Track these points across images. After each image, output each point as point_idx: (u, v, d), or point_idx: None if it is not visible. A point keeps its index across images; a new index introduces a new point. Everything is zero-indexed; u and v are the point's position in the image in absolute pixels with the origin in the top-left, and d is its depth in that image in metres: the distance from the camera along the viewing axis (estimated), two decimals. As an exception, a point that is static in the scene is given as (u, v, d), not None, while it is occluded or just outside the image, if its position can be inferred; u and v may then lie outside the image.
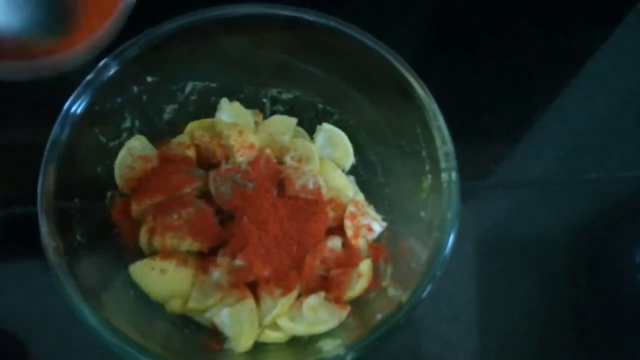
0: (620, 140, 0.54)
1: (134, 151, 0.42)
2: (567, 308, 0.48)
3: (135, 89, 0.42)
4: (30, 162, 0.35)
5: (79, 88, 0.36)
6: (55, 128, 0.35)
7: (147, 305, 0.39)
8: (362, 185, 0.45)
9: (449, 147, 0.37)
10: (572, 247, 0.51)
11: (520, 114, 0.55)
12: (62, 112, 0.35)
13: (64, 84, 0.39)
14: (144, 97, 0.43)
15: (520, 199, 0.52)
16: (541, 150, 0.53)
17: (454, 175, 0.36)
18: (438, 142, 0.37)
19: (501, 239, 0.50)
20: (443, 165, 0.36)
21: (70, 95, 0.37)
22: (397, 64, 0.39)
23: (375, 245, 0.42)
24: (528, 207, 0.52)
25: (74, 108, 0.36)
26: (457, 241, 0.36)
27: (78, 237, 0.37)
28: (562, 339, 0.47)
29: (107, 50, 0.38)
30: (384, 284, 0.39)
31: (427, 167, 0.38)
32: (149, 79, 0.42)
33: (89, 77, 0.37)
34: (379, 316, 0.34)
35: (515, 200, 0.52)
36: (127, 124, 0.43)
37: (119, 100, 0.41)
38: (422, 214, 0.38)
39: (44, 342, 0.43)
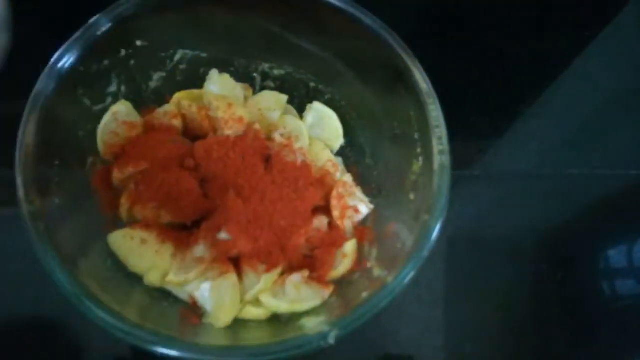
0: (605, 138, 0.55)
1: (119, 116, 0.40)
2: (544, 299, 0.49)
3: (123, 52, 0.40)
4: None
5: (67, 44, 0.35)
6: (40, 81, 0.34)
7: (125, 275, 0.38)
8: (350, 168, 0.45)
9: (443, 130, 0.36)
10: (551, 241, 0.51)
11: (507, 107, 0.56)
12: (48, 66, 0.34)
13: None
14: (132, 62, 0.41)
15: (503, 191, 0.53)
16: (526, 143, 0.54)
17: (446, 158, 0.36)
18: (432, 124, 0.36)
19: (482, 228, 0.51)
20: (436, 148, 0.36)
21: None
22: (394, 44, 0.39)
23: (361, 228, 0.42)
24: (511, 199, 0.52)
25: (60, 64, 0.34)
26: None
27: (57, 201, 0.35)
28: (538, 329, 0.47)
29: (101, 6, 0.36)
30: (369, 265, 0.39)
31: (419, 150, 0.38)
32: (139, 43, 0.40)
33: (77, 34, 0.35)
34: (364, 295, 0.34)
35: (499, 192, 0.53)
36: (113, 88, 0.41)
37: (106, 62, 0.39)
38: (412, 196, 0.38)
39: (16, 308, 0.42)
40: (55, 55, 0.35)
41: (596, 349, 0.48)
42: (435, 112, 0.37)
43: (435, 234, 0.35)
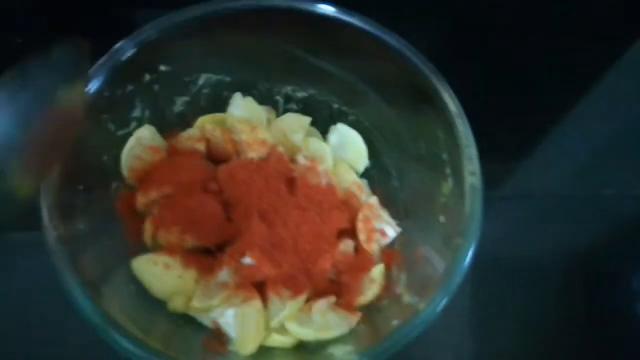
0: (638, 156, 0.53)
1: (143, 141, 0.40)
2: (577, 324, 0.46)
3: (147, 77, 0.40)
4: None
5: (93, 69, 0.35)
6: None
7: (149, 301, 0.37)
8: (376, 190, 0.44)
9: (473, 150, 0.35)
10: (584, 264, 0.49)
11: (536, 125, 0.54)
12: (73, 93, 0.34)
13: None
14: (156, 87, 0.41)
15: (534, 212, 0.51)
16: (557, 162, 0.52)
17: (478, 179, 0.34)
18: (462, 144, 0.35)
19: (512, 251, 0.49)
20: (467, 169, 0.35)
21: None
22: (420, 64, 0.38)
23: (389, 251, 0.41)
24: (541, 221, 0.50)
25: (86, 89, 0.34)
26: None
27: (81, 227, 0.35)
28: (570, 356, 0.45)
29: (123, 33, 0.36)
30: (398, 291, 0.37)
31: (448, 171, 0.37)
32: (163, 68, 0.41)
33: (102, 60, 0.35)
34: (394, 323, 0.32)
35: (529, 213, 0.51)
36: (137, 113, 0.41)
37: (130, 87, 0.39)
38: (442, 219, 0.37)
39: (40, 335, 0.41)
40: (81, 82, 0.35)
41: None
42: (465, 132, 0.36)
43: (468, 259, 0.33)
